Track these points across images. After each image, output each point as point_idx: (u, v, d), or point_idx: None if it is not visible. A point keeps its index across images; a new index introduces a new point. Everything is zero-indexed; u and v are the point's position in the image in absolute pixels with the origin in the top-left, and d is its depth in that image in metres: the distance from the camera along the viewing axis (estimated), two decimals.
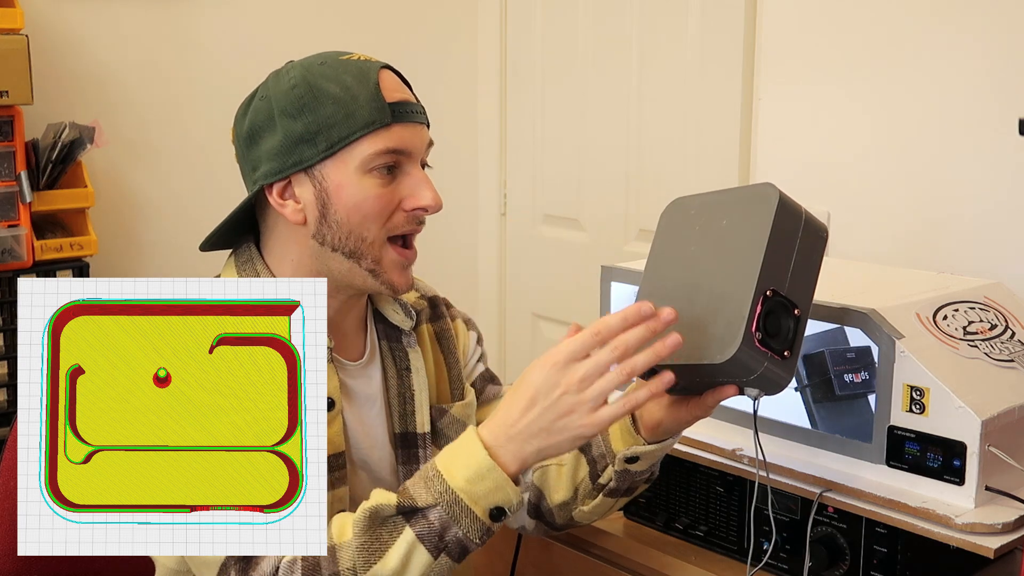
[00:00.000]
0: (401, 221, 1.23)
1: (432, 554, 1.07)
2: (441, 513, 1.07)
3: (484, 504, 1.07)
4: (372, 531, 1.08)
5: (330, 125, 1.19)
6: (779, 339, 1.09)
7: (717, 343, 1.08)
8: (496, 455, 1.07)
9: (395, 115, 1.20)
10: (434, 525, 1.07)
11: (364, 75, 1.21)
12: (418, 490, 1.08)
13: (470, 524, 1.07)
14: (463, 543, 1.08)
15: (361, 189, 1.20)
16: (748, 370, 1.08)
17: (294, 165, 1.20)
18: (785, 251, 1.11)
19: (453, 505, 1.06)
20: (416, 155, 1.24)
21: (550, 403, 1.06)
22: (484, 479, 1.07)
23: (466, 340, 1.45)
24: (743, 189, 1.21)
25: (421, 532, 1.07)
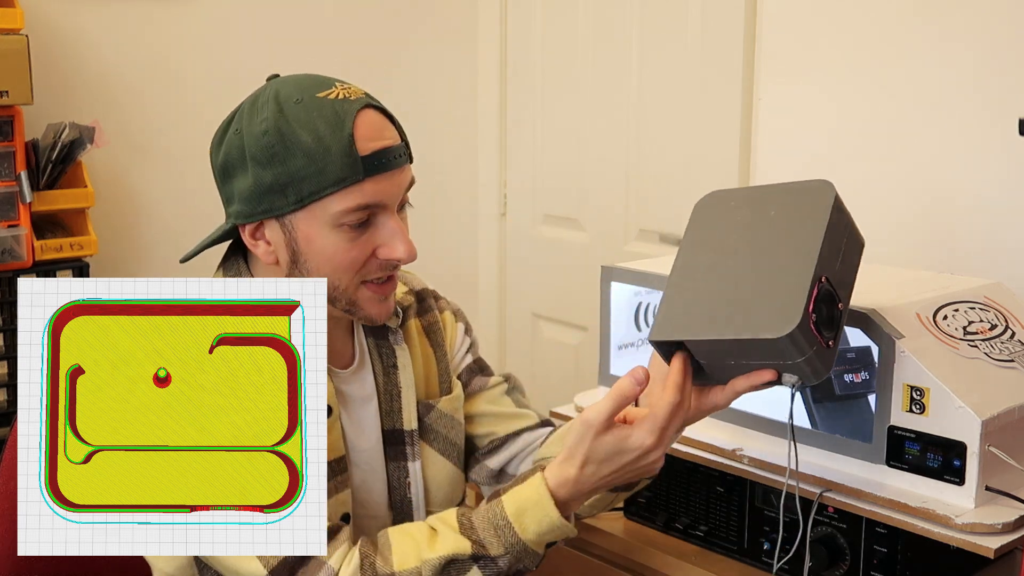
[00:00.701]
0: (374, 269, 1.22)
1: None
2: (510, 559, 1.14)
3: (545, 541, 1.16)
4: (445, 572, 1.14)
5: (300, 179, 1.16)
6: (828, 327, 1.08)
7: (771, 320, 1.06)
8: (564, 510, 1.15)
9: (368, 169, 1.17)
10: (502, 569, 1.15)
11: (339, 122, 1.16)
12: (488, 537, 1.14)
13: (532, 560, 1.16)
14: (521, 572, 1.17)
15: (331, 243, 1.19)
16: (796, 353, 1.06)
17: (264, 212, 1.19)
18: (836, 245, 1.12)
19: (522, 553, 1.14)
20: (391, 205, 1.21)
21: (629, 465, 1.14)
22: (553, 532, 1.14)
23: (454, 331, 1.44)
24: (795, 184, 1.20)
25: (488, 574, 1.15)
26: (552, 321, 2.84)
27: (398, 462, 1.33)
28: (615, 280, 1.57)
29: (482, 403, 1.43)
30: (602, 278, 1.58)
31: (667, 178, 2.47)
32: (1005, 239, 1.79)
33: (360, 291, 1.23)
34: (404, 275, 1.43)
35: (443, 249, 2.88)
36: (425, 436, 1.35)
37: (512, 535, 1.13)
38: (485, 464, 1.41)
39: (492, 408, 1.43)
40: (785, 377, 1.10)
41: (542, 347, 2.87)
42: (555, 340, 2.82)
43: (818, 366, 1.08)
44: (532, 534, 1.13)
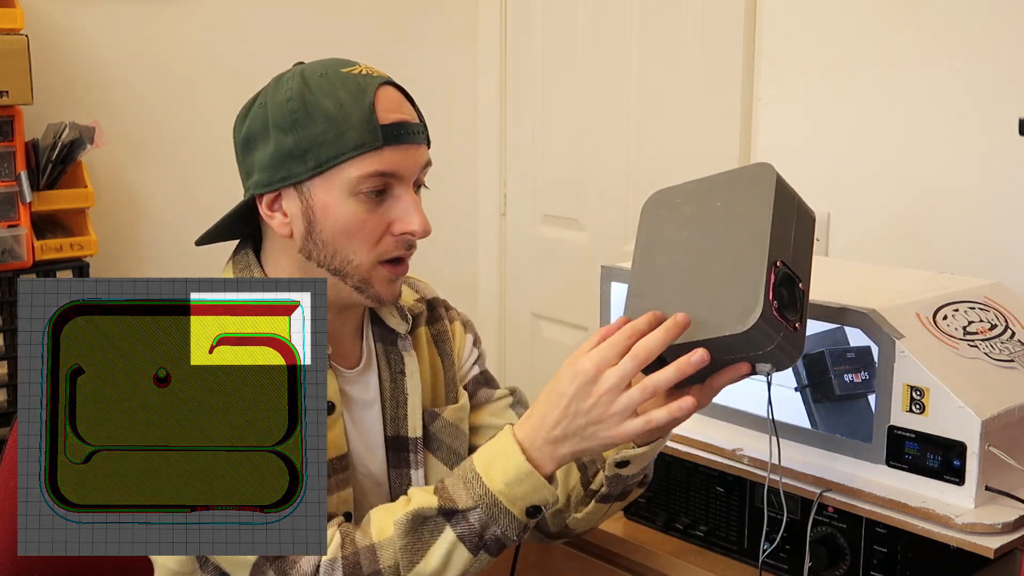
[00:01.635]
0: (390, 246, 1.22)
1: (472, 552, 1.12)
2: (481, 515, 1.11)
3: (522, 504, 1.12)
4: (415, 532, 1.12)
5: (320, 144, 1.18)
6: (791, 310, 1.08)
7: (735, 314, 1.06)
8: (532, 458, 1.12)
9: (387, 138, 1.18)
10: (474, 526, 1.11)
11: (361, 92, 1.19)
12: (458, 491, 1.12)
13: (508, 523, 1.11)
14: (501, 540, 1.12)
15: (347, 211, 1.19)
16: (764, 342, 1.07)
17: (282, 180, 1.20)
18: (786, 226, 1.12)
19: (492, 507, 1.11)
20: (408, 178, 1.22)
21: (583, 410, 1.10)
22: (522, 482, 1.11)
23: (462, 342, 1.44)
24: (735, 171, 1.20)
25: (462, 533, 1.11)
26: (552, 321, 2.84)
27: (400, 469, 1.33)
28: (615, 280, 1.57)
29: (486, 415, 1.43)
30: (602, 278, 1.58)
31: (667, 178, 2.45)
32: (1005, 239, 1.79)
33: (375, 270, 1.23)
34: (417, 283, 1.43)
35: (443, 249, 2.88)
36: (429, 445, 1.35)
37: (480, 486, 1.11)
38: None
39: (496, 421, 1.43)
40: (759, 367, 1.11)
41: (542, 347, 2.87)
42: (555, 340, 2.82)
43: (789, 350, 1.09)
44: (500, 483, 1.11)
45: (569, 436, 1.11)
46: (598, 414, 1.09)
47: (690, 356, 1.07)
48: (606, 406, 1.09)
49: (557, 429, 1.11)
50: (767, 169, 1.14)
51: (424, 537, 1.12)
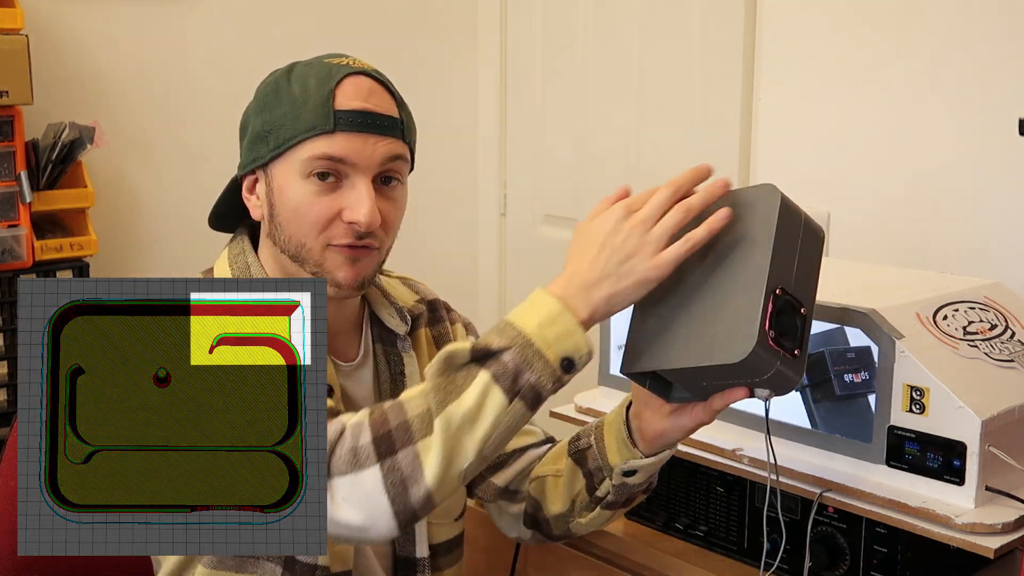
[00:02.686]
0: (339, 232, 1.20)
1: (508, 396, 1.06)
2: (515, 355, 1.05)
3: (556, 349, 1.06)
4: (446, 375, 1.07)
5: (280, 126, 1.20)
6: (789, 338, 1.08)
7: (730, 343, 1.06)
8: (566, 303, 1.08)
9: (339, 123, 1.18)
10: (508, 367, 1.05)
11: (327, 78, 1.20)
12: (491, 337, 1.07)
13: (543, 369, 1.06)
14: (536, 389, 1.06)
15: (299, 193, 1.20)
16: (761, 370, 1.07)
17: (253, 161, 1.23)
18: (789, 251, 1.10)
19: (526, 348, 1.06)
20: (363, 167, 1.20)
21: (616, 246, 1.08)
22: (555, 323, 1.06)
23: None
24: (741, 191, 1.18)
25: (497, 372, 1.06)
26: None
27: None
28: None
29: None
30: None
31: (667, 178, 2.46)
32: (1005, 239, 1.79)
33: (327, 253, 1.21)
34: (416, 284, 1.43)
35: (443, 249, 2.88)
36: None
37: (513, 329, 1.06)
38: (491, 481, 1.39)
39: None
40: (757, 391, 1.11)
41: None
42: None
43: (788, 376, 1.09)
44: (534, 324, 1.06)
45: (604, 277, 1.07)
46: (633, 245, 1.07)
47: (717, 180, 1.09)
48: (641, 235, 1.07)
49: (591, 272, 1.08)
50: (771, 191, 1.12)
51: (456, 380, 1.07)
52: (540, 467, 1.38)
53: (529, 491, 1.38)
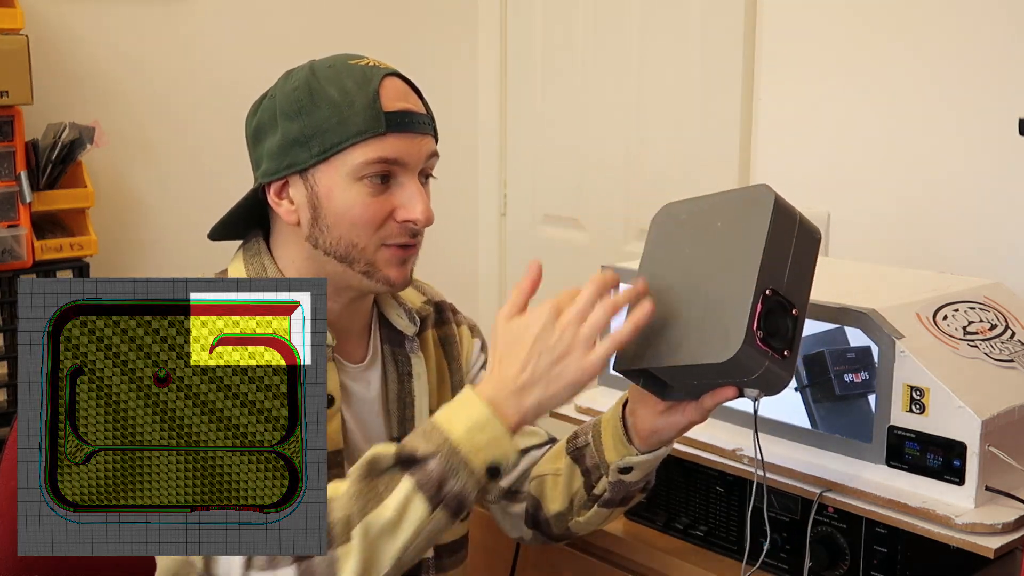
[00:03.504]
0: (394, 232, 1.22)
1: (430, 504, 1.06)
2: (440, 463, 1.05)
3: (483, 457, 1.06)
4: (369, 480, 1.07)
5: (324, 130, 1.19)
6: (779, 338, 1.08)
7: (718, 343, 1.07)
8: (496, 408, 1.08)
9: (390, 125, 1.19)
10: (432, 475, 1.05)
11: (366, 81, 1.20)
12: (416, 441, 1.07)
13: (468, 477, 1.06)
14: (460, 497, 1.07)
15: (351, 196, 1.20)
16: (749, 369, 1.08)
17: (288, 167, 1.21)
18: (782, 252, 1.11)
19: (452, 456, 1.06)
20: (412, 166, 1.22)
21: (546, 348, 1.07)
22: (483, 430, 1.07)
23: (470, 347, 1.44)
24: (736, 192, 1.19)
25: (420, 480, 1.06)
26: None
27: None
28: None
29: None
30: None
31: (667, 178, 2.47)
32: (1005, 239, 1.79)
33: (380, 252, 1.22)
34: (422, 285, 1.43)
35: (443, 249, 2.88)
36: None
37: (440, 435, 1.06)
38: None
39: None
40: (747, 391, 1.12)
41: None
42: None
43: (777, 376, 1.09)
44: (461, 430, 1.06)
45: (534, 381, 1.07)
46: (563, 347, 1.07)
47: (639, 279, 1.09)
48: (571, 337, 1.07)
49: (522, 375, 1.07)
50: (765, 192, 1.12)
51: (379, 487, 1.06)
52: (540, 466, 1.38)
53: (529, 490, 1.38)
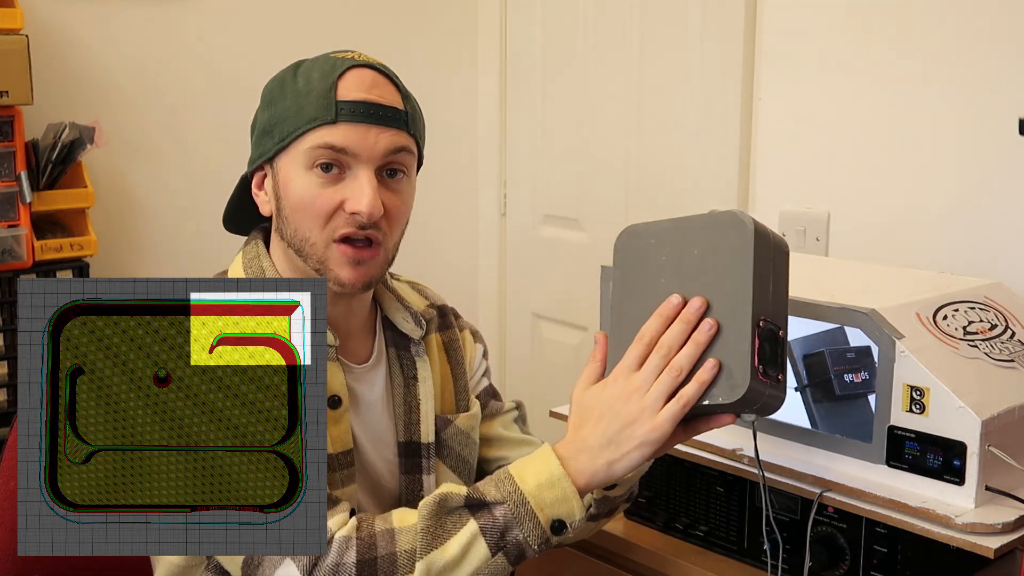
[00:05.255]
0: (341, 223, 1.20)
1: (491, 550, 1.09)
2: (507, 511, 1.09)
3: (549, 512, 1.10)
4: (438, 518, 1.11)
5: (284, 118, 1.21)
6: (773, 365, 1.10)
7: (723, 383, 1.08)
8: (567, 466, 1.11)
9: (341, 113, 1.19)
10: (498, 521, 1.09)
11: (331, 71, 1.21)
12: (488, 488, 1.11)
13: (532, 529, 1.10)
14: (521, 547, 1.10)
15: (302, 184, 1.21)
16: (752, 403, 1.09)
17: (260, 156, 1.24)
18: (765, 277, 1.11)
19: (519, 506, 1.09)
20: (365, 157, 1.20)
21: (615, 413, 1.10)
22: (553, 487, 1.10)
23: (473, 352, 1.45)
24: (708, 217, 1.16)
25: (485, 525, 1.09)
26: (552, 321, 2.84)
27: (413, 475, 1.32)
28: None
29: (497, 427, 1.44)
30: (602, 278, 1.58)
31: (667, 178, 2.47)
32: (1004, 239, 1.79)
33: (330, 249, 1.21)
34: (425, 289, 1.43)
35: (443, 249, 2.88)
36: (439, 451, 1.35)
37: (511, 484, 1.10)
38: None
39: (506, 433, 1.43)
40: (744, 417, 1.13)
41: (542, 347, 2.87)
42: (555, 340, 2.82)
43: (776, 399, 1.11)
44: (532, 484, 1.10)
45: (607, 444, 1.10)
46: (632, 411, 1.09)
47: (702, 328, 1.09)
48: (639, 400, 1.09)
49: (593, 438, 1.11)
50: (743, 218, 1.11)
51: (446, 525, 1.10)
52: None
53: None
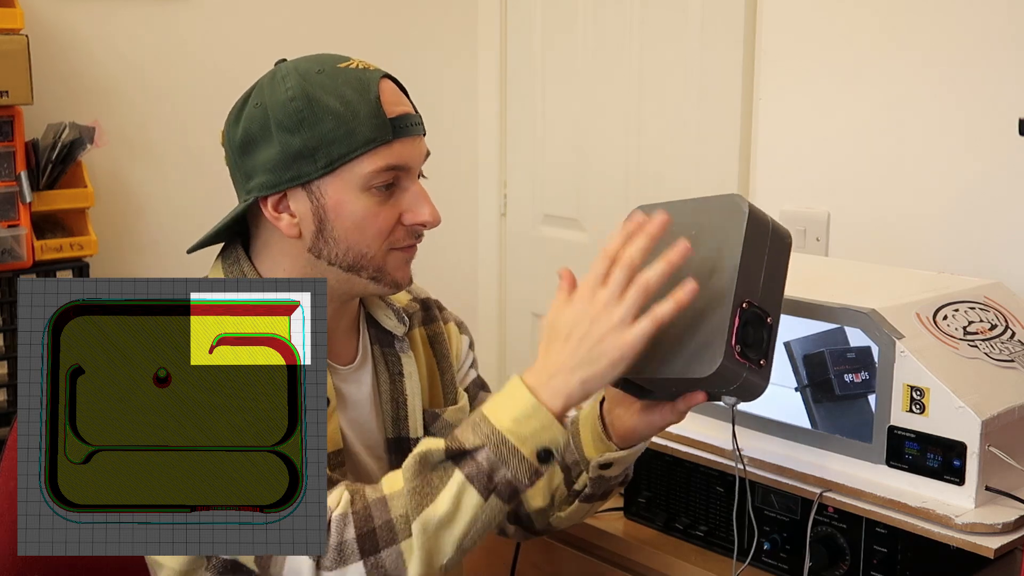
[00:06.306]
0: (401, 236, 1.23)
1: (482, 495, 1.08)
2: (489, 454, 1.07)
3: (532, 444, 1.08)
4: (423, 476, 1.09)
5: (330, 141, 1.17)
6: (756, 349, 1.10)
7: (697, 358, 1.08)
8: (540, 395, 1.08)
9: (396, 131, 1.19)
10: (482, 466, 1.07)
11: (364, 87, 1.18)
12: (465, 434, 1.09)
13: (518, 465, 1.08)
14: (512, 484, 1.08)
15: (360, 207, 1.19)
16: (728, 382, 1.09)
17: (291, 180, 1.19)
18: (757, 261, 1.11)
19: (500, 446, 1.07)
20: (414, 169, 1.23)
21: (584, 332, 1.08)
22: (530, 419, 1.08)
23: (459, 344, 1.44)
24: (709, 200, 1.18)
25: (470, 473, 1.07)
26: None
27: None
28: None
29: None
30: None
31: (667, 178, 2.47)
32: (1005, 239, 1.79)
33: (389, 256, 1.23)
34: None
35: (443, 249, 2.88)
36: None
37: (487, 426, 1.08)
38: None
39: None
40: (725, 399, 1.13)
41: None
42: None
43: (754, 384, 1.11)
44: (508, 421, 1.07)
45: (578, 365, 1.08)
46: (601, 330, 1.07)
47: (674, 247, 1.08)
48: (608, 319, 1.07)
49: (563, 358, 1.08)
50: (738, 201, 1.12)
51: (432, 482, 1.09)
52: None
53: None
